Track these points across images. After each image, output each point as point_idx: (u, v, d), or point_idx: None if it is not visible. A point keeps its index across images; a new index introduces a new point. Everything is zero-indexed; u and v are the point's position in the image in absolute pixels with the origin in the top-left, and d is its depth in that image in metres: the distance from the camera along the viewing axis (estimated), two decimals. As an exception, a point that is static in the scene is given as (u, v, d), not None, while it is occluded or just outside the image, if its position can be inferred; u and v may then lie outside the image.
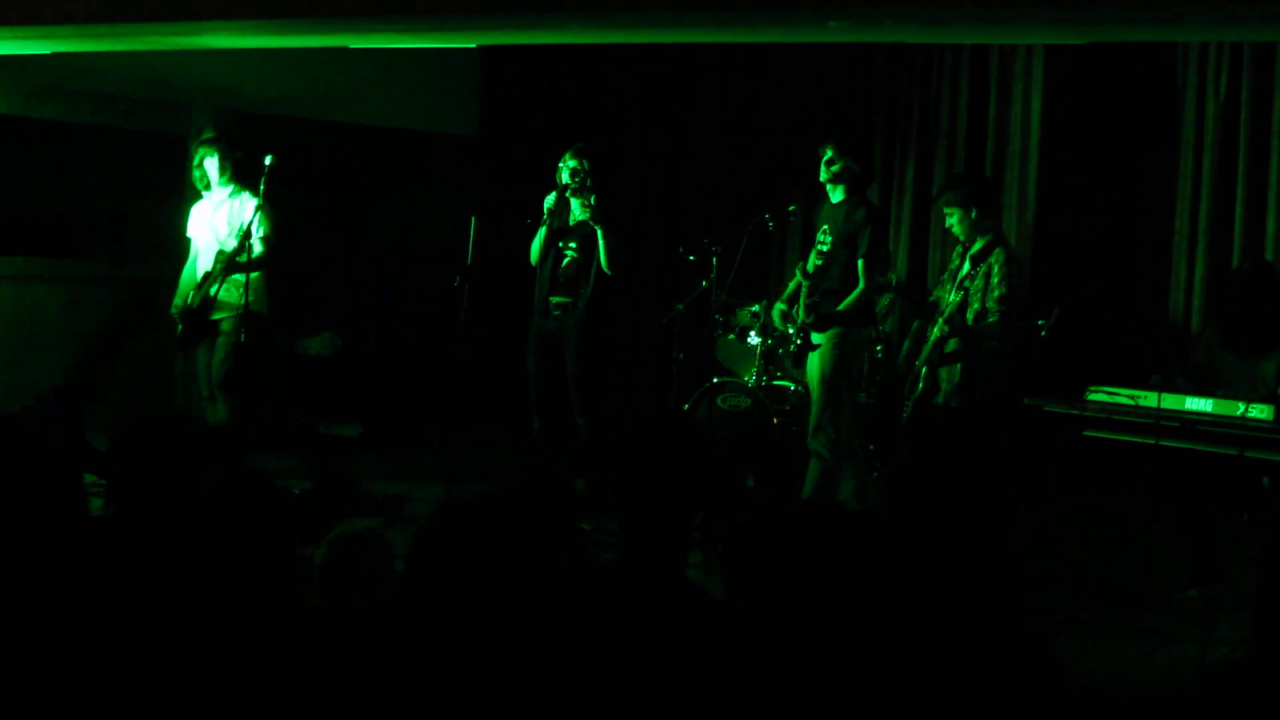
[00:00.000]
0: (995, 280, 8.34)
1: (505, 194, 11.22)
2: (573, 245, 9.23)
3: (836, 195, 8.84)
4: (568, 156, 9.20)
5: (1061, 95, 10.89)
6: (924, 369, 8.55)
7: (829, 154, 8.78)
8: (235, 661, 3.14)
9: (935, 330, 8.49)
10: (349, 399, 11.94)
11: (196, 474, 3.84)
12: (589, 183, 9.14)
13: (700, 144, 12.66)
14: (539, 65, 12.50)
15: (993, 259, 8.44)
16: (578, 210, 9.29)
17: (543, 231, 9.26)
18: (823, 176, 8.84)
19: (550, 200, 9.17)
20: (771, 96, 12.35)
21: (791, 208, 9.63)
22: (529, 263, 9.40)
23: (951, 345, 8.50)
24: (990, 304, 8.37)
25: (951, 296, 8.48)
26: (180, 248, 9.74)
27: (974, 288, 8.40)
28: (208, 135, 9.59)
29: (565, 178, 9.16)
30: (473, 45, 9.58)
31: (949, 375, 8.51)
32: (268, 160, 9.16)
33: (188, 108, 11.38)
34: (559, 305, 9.26)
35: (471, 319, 9.07)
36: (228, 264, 9.26)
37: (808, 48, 11.36)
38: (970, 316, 8.35)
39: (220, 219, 9.45)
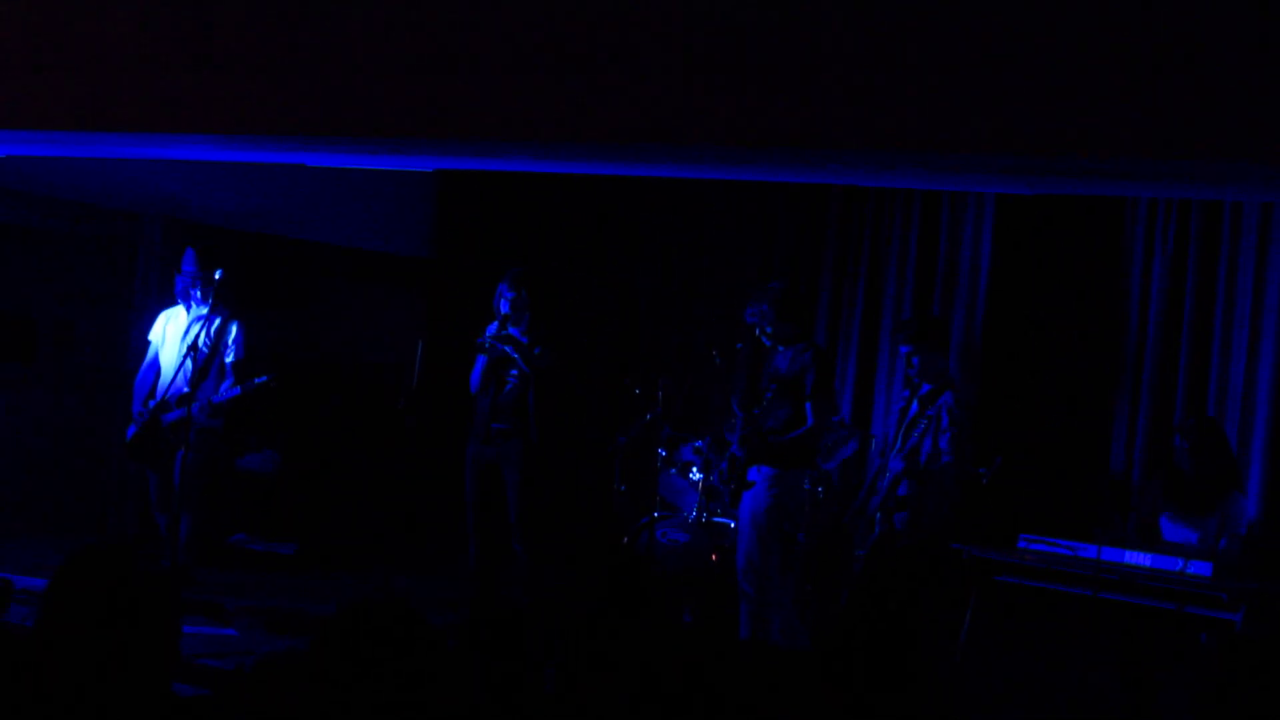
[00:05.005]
0: (946, 423, 8.36)
1: (455, 317, 11.18)
2: (513, 373, 9.20)
3: (782, 346, 8.86)
4: (505, 284, 9.21)
5: (1011, 238, 10.97)
6: (878, 514, 8.56)
7: (759, 330, 8.83)
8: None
9: (887, 474, 8.52)
10: (287, 517, 11.84)
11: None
12: (527, 312, 9.13)
13: (651, 276, 12.68)
14: (493, 189, 12.51)
15: (942, 401, 8.48)
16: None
17: (482, 359, 9.24)
18: (767, 342, 8.87)
19: (490, 331, 9.14)
20: (723, 229, 12.39)
21: (739, 344, 9.63)
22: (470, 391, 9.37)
23: (901, 486, 8.51)
24: (941, 445, 8.40)
25: (899, 443, 8.52)
26: (123, 353, 9.64)
27: (924, 429, 8.42)
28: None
29: (503, 306, 9.16)
30: (429, 169, 9.57)
31: (903, 519, 8.52)
32: (217, 274, 9.15)
33: (138, 215, 11.33)
34: (499, 433, 9.20)
35: (414, 442, 9.02)
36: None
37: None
38: (921, 458, 8.38)
39: (201, 336, 9.34)
